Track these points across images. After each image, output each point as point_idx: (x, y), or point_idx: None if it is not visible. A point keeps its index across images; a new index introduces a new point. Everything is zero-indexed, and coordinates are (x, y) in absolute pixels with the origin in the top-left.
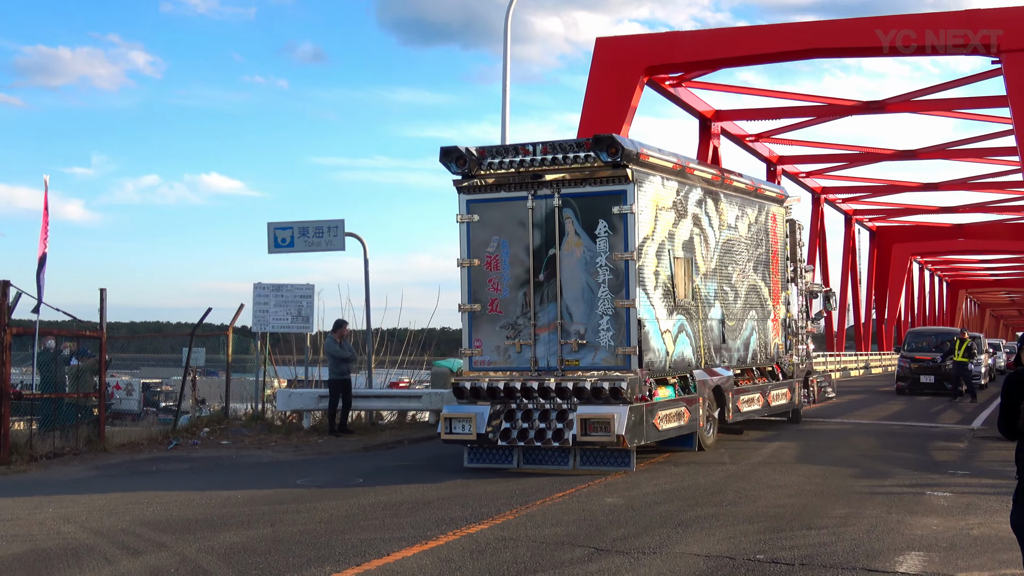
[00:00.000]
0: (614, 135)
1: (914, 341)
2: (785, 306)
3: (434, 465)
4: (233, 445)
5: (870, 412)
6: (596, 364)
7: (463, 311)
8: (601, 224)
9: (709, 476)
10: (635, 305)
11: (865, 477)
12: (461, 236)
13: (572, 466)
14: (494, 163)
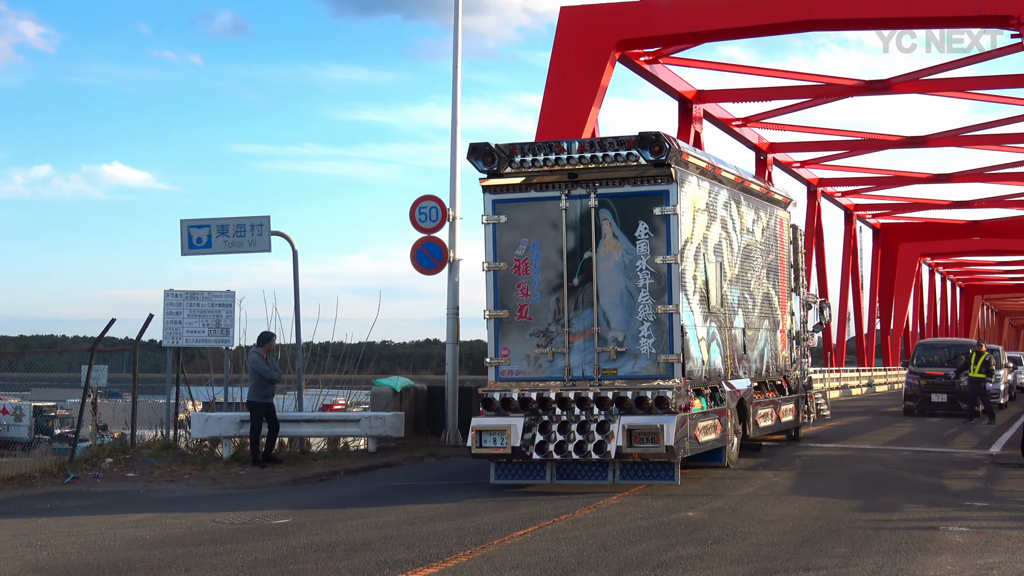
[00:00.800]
0: (660, 132)
1: (924, 355)
2: (790, 316)
3: (374, 499)
4: (140, 478)
5: (874, 436)
6: (636, 373)
7: (489, 318)
8: (642, 226)
9: (692, 510)
10: (679, 311)
11: (869, 510)
12: (486, 239)
13: (611, 480)
14: (526, 161)
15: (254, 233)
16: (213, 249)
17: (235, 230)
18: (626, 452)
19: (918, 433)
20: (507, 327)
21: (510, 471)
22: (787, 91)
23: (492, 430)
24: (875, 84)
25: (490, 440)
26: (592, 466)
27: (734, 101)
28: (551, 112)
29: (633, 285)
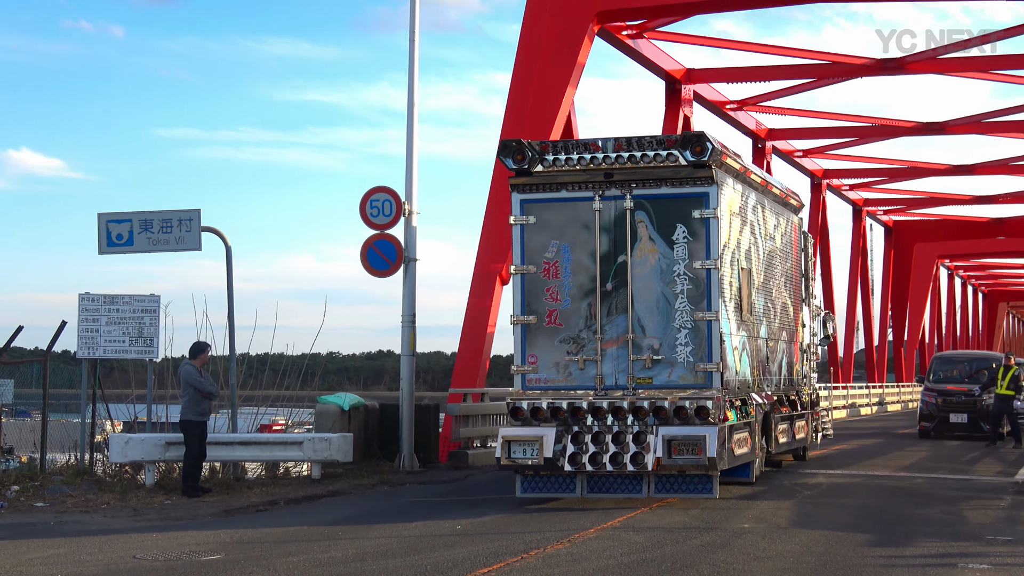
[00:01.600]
0: (704, 132)
1: (941, 369)
2: (802, 328)
3: (316, 532)
4: (51, 508)
5: (885, 461)
6: (672, 382)
7: (516, 323)
8: (680, 229)
9: (679, 546)
10: (718, 318)
11: (879, 545)
12: (514, 240)
13: (646, 493)
14: (559, 160)
15: (182, 229)
16: (135, 247)
17: (160, 225)
18: (665, 464)
19: (935, 458)
20: (535, 333)
21: (539, 484)
22: (788, 70)
23: (523, 440)
24: (887, 63)
25: (520, 451)
26: (625, 479)
27: (728, 81)
28: (521, 93)
29: (670, 291)
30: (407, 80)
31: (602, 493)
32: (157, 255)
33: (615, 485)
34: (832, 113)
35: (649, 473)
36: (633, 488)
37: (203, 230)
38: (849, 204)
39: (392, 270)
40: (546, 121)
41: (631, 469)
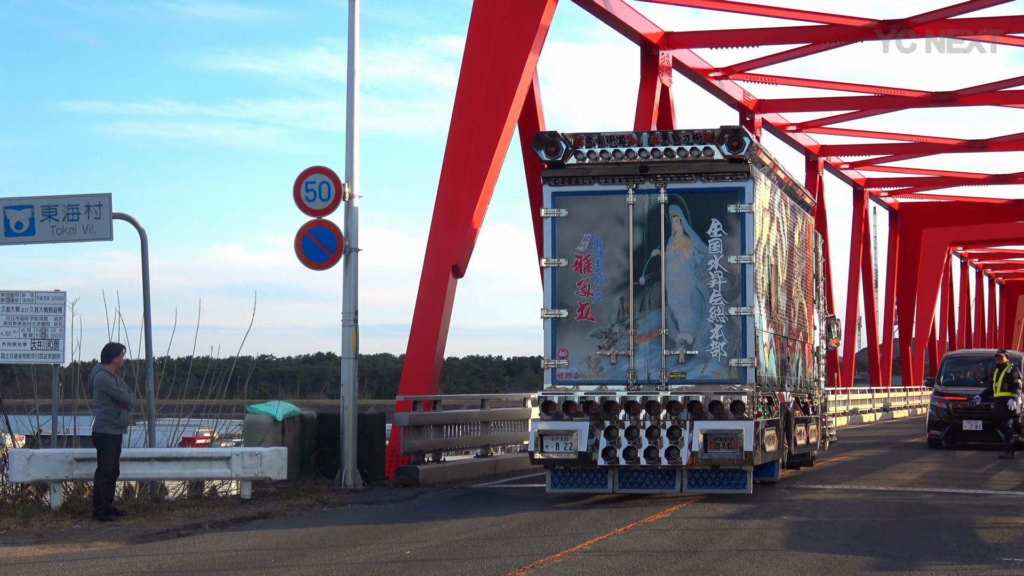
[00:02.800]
0: (742, 127)
1: (953, 371)
2: (813, 330)
3: (244, 560)
4: None
5: (890, 474)
6: (705, 377)
7: (546, 317)
8: (715, 223)
9: (655, 572)
10: (753, 313)
11: (883, 569)
12: (545, 233)
13: (679, 488)
14: (594, 152)
15: (91, 216)
16: (37, 236)
17: (66, 212)
18: (702, 459)
19: (945, 471)
20: (566, 327)
21: (570, 479)
22: (779, 33)
23: (557, 434)
24: (891, 25)
25: (553, 445)
26: (657, 474)
27: (712, 46)
28: (477, 60)
29: (704, 285)
30: (347, 45)
31: (634, 488)
32: (62, 246)
33: (648, 480)
34: (830, 82)
35: (683, 468)
36: (666, 483)
37: (115, 217)
38: (849, 184)
39: (331, 262)
40: (505, 92)
41: (665, 464)
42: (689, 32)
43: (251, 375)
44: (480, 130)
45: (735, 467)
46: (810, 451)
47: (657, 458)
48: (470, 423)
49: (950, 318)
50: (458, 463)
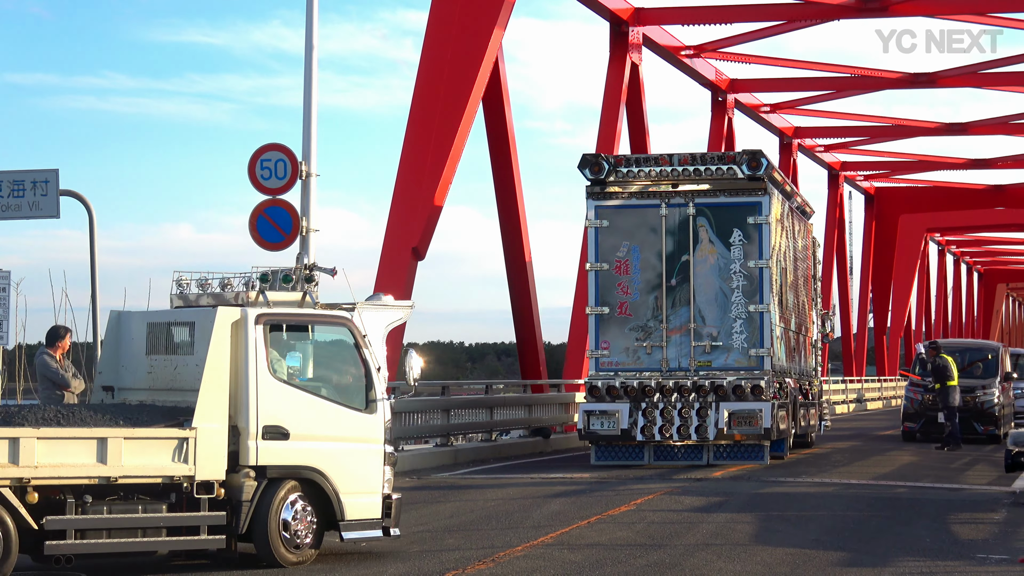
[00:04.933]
0: (761, 150)
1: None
2: (813, 325)
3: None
4: None
5: (863, 467)
6: (728, 365)
7: (591, 313)
8: (736, 233)
9: (619, 567)
10: (769, 310)
11: (854, 565)
12: (588, 241)
13: (706, 460)
14: (632, 171)
15: (37, 192)
16: None
17: (11, 188)
18: (727, 434)
19: (920, 464)
20: (607, 322)
21: (611, 453)
22: (754, 11)
23: (600, 414)
24: (869, 4)
25: (598, 423)
26: (687, 448)
27: (683, 23)
28: (439, 35)
29: (727, 286)
30: (304, 18)
31: (667, 461)
32: (6, 224)
33: (679, 454)
34: (804, 62)
35: (710, 443)
36: (695, 456)
37: (62, 194)
38: (824, 168)
39: (287, 243)
40: (469, 69)
41: (694, 439)
42: (660, 8)
43: None
44: (443, 108)
45: (755, 442)
46: (810, 432)
47: (688, 434)
48: (431, 411)
49: (927, 306)
50: (417, 452)
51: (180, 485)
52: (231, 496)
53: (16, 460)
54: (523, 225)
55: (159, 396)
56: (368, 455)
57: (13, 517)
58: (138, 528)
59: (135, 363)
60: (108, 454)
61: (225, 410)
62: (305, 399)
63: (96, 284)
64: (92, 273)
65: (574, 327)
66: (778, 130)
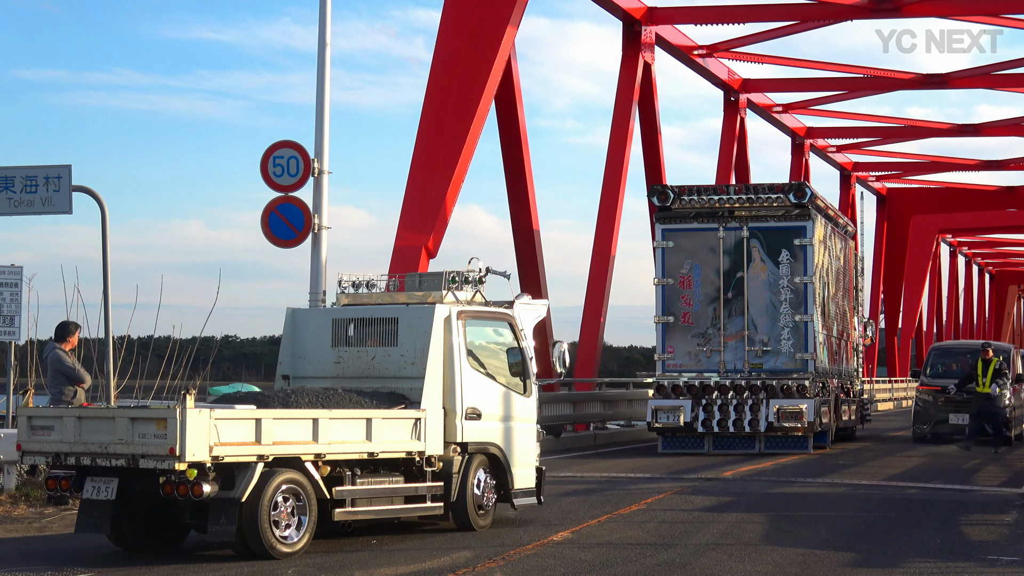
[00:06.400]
0: (805, 183)
1: (940, 363)
2: (854, 331)
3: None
4: None
5: (873, 468)
6: (777, 367)
7: (658, 322)
8: (784, 253)
9: (630, 566)
10: (812, 320)
11: (865, 566)
12: (656, 259)
13: (757, 449)
14: (694, 199)
15: (49, 188)
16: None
17: (24, 184)
18: (776, 427)
19: (931, 466)
20: (672, 330)
21: (675, 443)
22: (766, 10)
23: (667, 409)
24: (881, 4)
25: (664, 417)
26: (741, 439)
27: (696, 23)
28: (452, 34)
29: (776, 299)
30: (317, 14)
31: (724, 450)
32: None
33: (734, 443)
34: (817, 62)
35: (761, 434)
36: (748, 446)
37: (74, 190)
38: (836, 168)
39: (299, 240)
40: (482, 67)
41: (747, 431)
42: (673, 8)
43: (214, 356)
44: (455, 106)
45: (800, 434)
46: (852, 426)
47: (742, 427)
48: None
49: (938, 308)
50: None
51: (413, 460)
52: (444, 469)
53: (316, 438)
54: (535, 224)
55: (348, 383)
56: (528, 432)
57: (315, 488)
58: (389, 497)
59: (317, 354)
60: (373, 432)
61: (441, 394)
62: (489, 384)
63: (108, 280)
64: (104, 269)
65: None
66: (790, 130)
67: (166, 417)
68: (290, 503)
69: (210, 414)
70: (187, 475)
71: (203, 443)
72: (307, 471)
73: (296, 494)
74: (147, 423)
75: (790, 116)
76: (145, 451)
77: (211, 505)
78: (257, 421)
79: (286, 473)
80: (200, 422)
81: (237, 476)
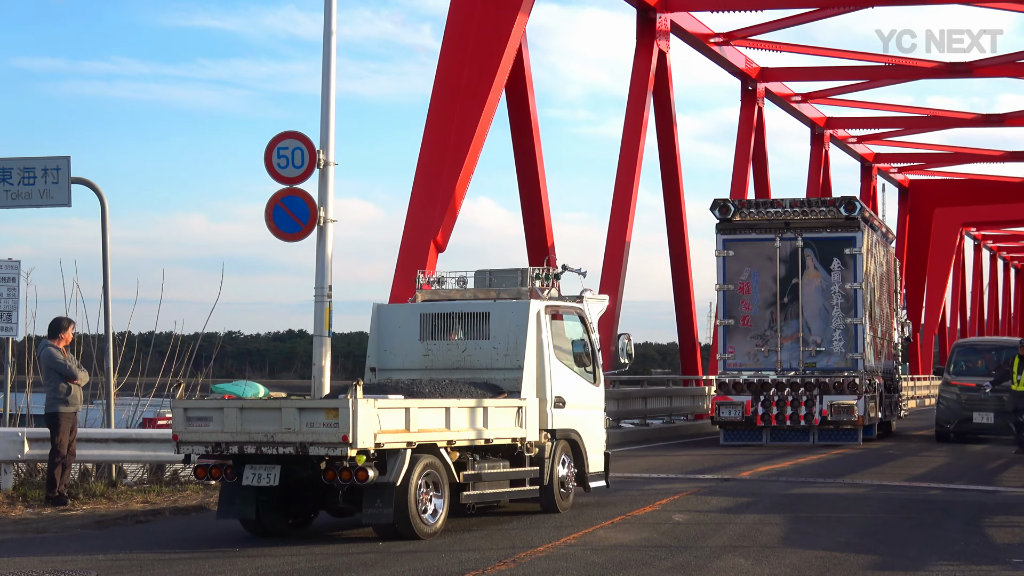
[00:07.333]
0: (855, 197)
1: (964, 360)
2: (895, 331)
3: (208, 549)
4: None
5: (895, 468)
6: (829, 366)
7: (720, 325)
8: (835, 261)
9: (644, 569)
10: (861, 323)
11: (885, 568)
12: (717, 267)
13: (812, 441)
14: (752, 211)
15: (48, 180)
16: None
17: (21, 176)
18: (830, 420)
19: (953, 466)
20: (732, 332)
21: (736, 435)
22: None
23: (729, 404)
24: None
25: (726, 412)
26: (797, 431)
27: (712, 9)
28: (461, 21)
29: (828, 303)
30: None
31: (780, 441)
32: (16, 212)
33: (790, 436)
34: (837, 50)
35: (814, 427)
36: (803, 438)
37: (73, 182)
38: (856, 159)
39: (304, 233)
40: (492, 56)
41: (803, 425)
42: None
43: (217, 352)
44: (464, 96)
45: (850, 427)
46: (892, 420)
47: (797, 421)
48: None
49: (962, 303)
50: None
51: (515, 446)
52: (539, 454)
53: (448, 425)
54: (547, 218)
55: (438, 375)
56: (598, 419)
57: (447, 473)
58: (500, 480)
59: (404, 348)
60: (489, 420)
61: (535, 384)
62: (569, 373)
63: (108, 275)
64: (104, 263)
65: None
66: (809, 120)
67: (337, 407)
68: (430, 487)
69: (375, 403)
70: (356, 461)
71: (370, 431)
72: (442, 456)
73: (434, 478)
74: (316, 413)
75: (809, 106)
76: (315, 439)
77: (365, 490)
78: (406, 410)
79: (427, 459)
80: (368, 411)
81: (389, 462)
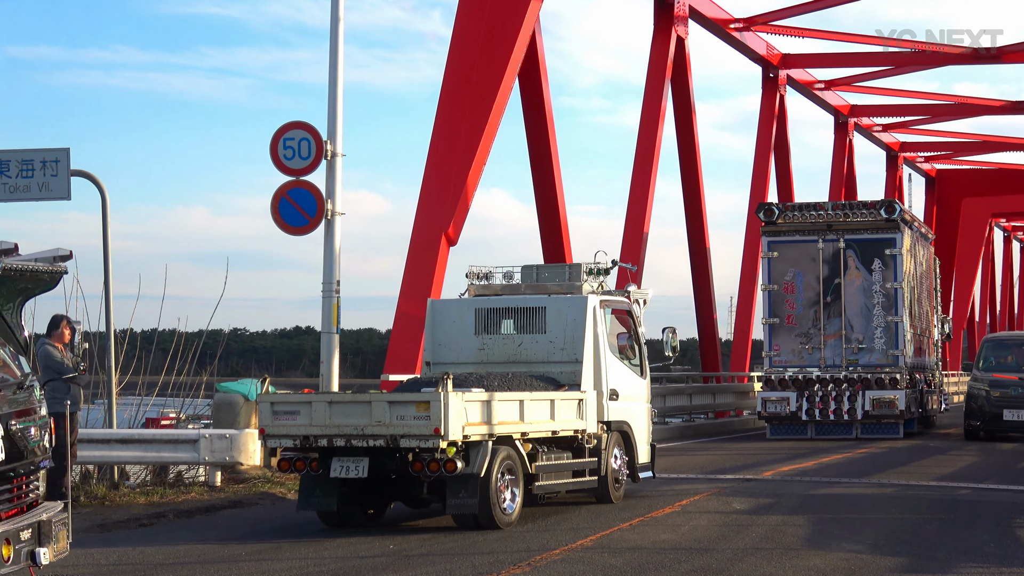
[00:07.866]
0: (894, 200)
1: (993, 355)
2: (934, 328)
3: (212, 553)
4: None
5: (922, 467)
6: (871, 362)
7: (765, 323)
8: (876, 262)
9: (663, 572)
10: (902, 321)
11: (913, 571)
12: (762, 267)
13: (854, 435)
14: (795, 215)
15: (47, 173)
16: None
17: (19, 168)
18: (872, 415)
19: (983, 465)
20: (777, 330)
21: (782, 430)
22: None
23: (775, 400)
24: None
25: (772, 407)
26: (840, 425)
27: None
28: (472, 7)
29: (870, 302)
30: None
31: (824, 435)
32: (14, 205)
33: (834, 430)
34: (861, 35)
35: (857, 422)
36: (846, 432)
37: (73, 174)
38: (882, 148)
39: (311, 226)
40: (504, 43)
41: (846, 419)
42: None
43: (222, 350)
44: (476, 85)
45: (891, 421)
46: (932, 415)
47: (841, 415)
48: None
49: (991, 297)
50: None
51: (576, 437)
52: (597, 445)
53: (522, 417)
54: (562, 210)
55: (493, 369)
56: (645, 411)
57: (522, 464)
58: (565, 471)
59: (459, 342)
60: (555, 412)
61: (592, 377)
62: (621, 367)
63: (109, 270)
64: (105, 258)
65: None
66: (833, 108)
67: (429, 400)
68: (507, 477)
69: (462, 397)
70: (447, 453)
71: (459, 423)
72: (517, 448)
73: (511, 469)
74: (406, 406)
75: (833, 93)
76: (406, 431)
77: (450, 481)
78: (487, 403)
79: (505, 450)
80: (457, 404)
81: (471, 453)
